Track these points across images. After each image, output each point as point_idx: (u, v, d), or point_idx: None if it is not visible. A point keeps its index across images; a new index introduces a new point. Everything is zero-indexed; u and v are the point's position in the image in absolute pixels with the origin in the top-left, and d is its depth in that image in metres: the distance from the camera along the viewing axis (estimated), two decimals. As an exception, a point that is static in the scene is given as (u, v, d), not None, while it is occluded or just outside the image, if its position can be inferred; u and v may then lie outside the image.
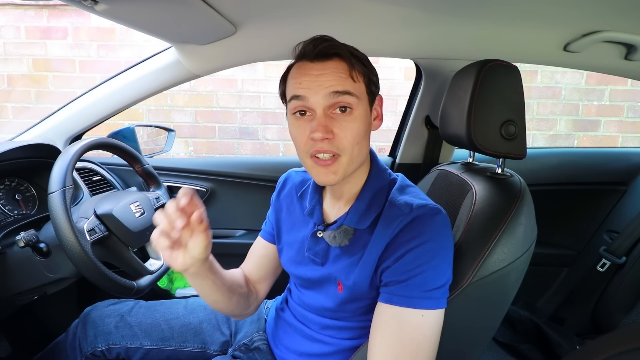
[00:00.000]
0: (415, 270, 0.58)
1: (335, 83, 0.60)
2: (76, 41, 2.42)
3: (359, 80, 0.62)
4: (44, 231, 0.89)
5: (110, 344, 0.88)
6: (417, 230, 0.60)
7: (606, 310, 1.31)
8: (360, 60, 0.64)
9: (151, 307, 0.94)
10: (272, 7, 0.87)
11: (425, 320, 0.58)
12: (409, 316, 0.58)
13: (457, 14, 0.90)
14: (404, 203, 0.63)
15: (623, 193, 1.47)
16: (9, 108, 2.49)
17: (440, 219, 0.62)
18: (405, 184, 0.70)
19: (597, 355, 0.36)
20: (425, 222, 0.60)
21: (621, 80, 2.53)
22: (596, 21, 0.90)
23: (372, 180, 0.68)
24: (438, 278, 0.59)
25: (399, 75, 2.51)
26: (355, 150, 0.62)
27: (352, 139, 0.61)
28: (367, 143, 0.66)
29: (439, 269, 0.59)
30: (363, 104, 0.63)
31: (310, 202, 0.73)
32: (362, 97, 0.63)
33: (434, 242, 0.60)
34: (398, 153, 1.42)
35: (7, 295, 0.89)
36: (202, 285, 0.67)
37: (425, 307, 0.58)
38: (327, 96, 0.60)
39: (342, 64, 0.61)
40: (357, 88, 0.62)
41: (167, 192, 1.14)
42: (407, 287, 0.58)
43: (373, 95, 0.66)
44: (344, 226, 0.67)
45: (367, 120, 0.64)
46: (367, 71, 0.64)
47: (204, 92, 2.51)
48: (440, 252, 0.60)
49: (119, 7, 0.73)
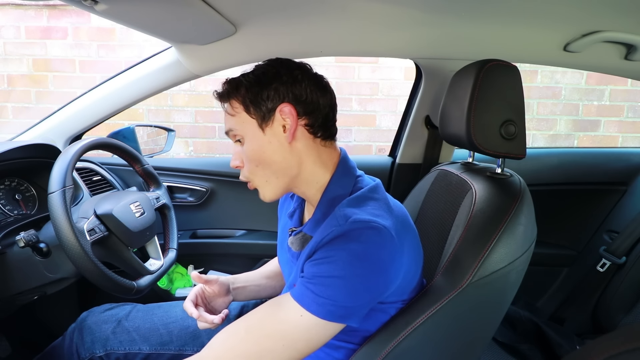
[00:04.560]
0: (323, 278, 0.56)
1: (225, 124, 0.68)
2: (76, 41, 2.42)
3: (236, 112, 0.65)
4: (44, 231, 0.89)
5: (108, 350, 0.87)
6: (343, 243, 0.56)
7: (606, 310, 1.31)
8: (238, 88, 0.65)
9: (149, 311, 0.94)
10: (272, 7, 0.87)
11: (302, 321, 0.56)
12: (290, 307, 0.57)
13: (457, 14, 0.90)
14: (342, 215, 0.59)
15: (623, 193, 1.47)
16: (9, 108, 2.49)
17: (376, 239, 0.56)
18: (367, 196, 0.63)
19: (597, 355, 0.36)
20: (354, 236, 0.56)
21: (621, 80, 2.53)
22: (596, 21, 0.90)
23: (330, 189, 0.66)
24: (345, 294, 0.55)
25: (399, 75, 2.51)
26: (259, 172, 0.66)
27: (251, 164, 0.66)
28: (277, 161, 0.64)
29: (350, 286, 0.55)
30: (250, 128, 0.64)
31: (294, 205, 0.77)
32: (245, 123, 0.65)
33: (356, 259, 0.55)
34: (398, 153, 1.42)
35: (7, 295, 0.89)
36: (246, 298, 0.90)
37: (311, 311, 0.55)
38: (227, 135, 0.69)
39: (227, 104, 0.67)
40: (236, 120, 0.65)
41: (167, 192, 1.14)
42: (307, 285, 0.57)
43: (263, 114, 0.63)
44: (302, 233, 0.68)
45: (263, 141, 0.64)
46: (246, 96, 0.64)
47: (204, 92, 2.51)
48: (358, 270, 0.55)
49: (119, 7, 0.72)
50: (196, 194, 1.44)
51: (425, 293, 0.66)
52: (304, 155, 0.65)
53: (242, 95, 0.64)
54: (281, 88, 0.63)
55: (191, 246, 1.40)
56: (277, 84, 0.63)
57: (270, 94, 0.63)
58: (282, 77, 0.63)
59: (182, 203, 1.44)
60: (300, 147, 0.65)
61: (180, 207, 1.43)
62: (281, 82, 0.63)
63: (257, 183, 0.68)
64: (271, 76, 0.63)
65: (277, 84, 0.63)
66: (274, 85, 0.63)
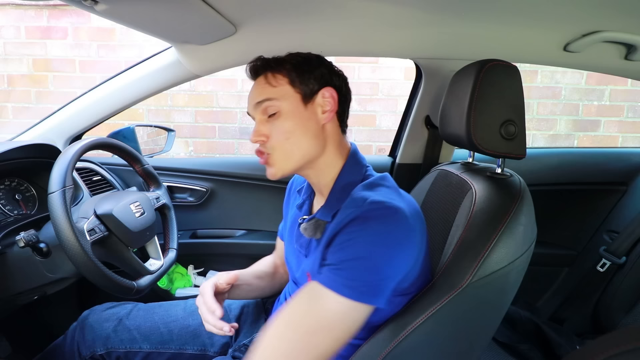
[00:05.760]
0: (348, 263, 0.58)
1: (257, 95, 0.69)
2: (76, 41, 2.42)
3: (280, 84, 0.68)
4: (44, 231, 0.89)
5: (109, 348, 0.87)
6: (360, 226, 0.59)
7: (606, 310, 1.31)
8: (285, 65, 0.68)
9: (149, 310, 0.94)
10: (272, 7, 0.87)
11: (339, 307, 0.57)
12: (324, 295, 0.57)
13: (457, 14, 0.90)
14: (359, 197, 0.63)
15: (623, 193, 1.47)
16: (9, 108, 2.49)
17: (392, 219, 0.59)
18: (379, 183, 0.68)
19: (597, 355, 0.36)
20: (370, 218, 0.59)
21: (621, 80, 2.52)
22: (596, 21, 0.90)
23: (343, 175, 0.70)
24: (371, 272, 0.57)
25: (399, 75, 2.51)
26: (287, 146, 0.67)
27: (281, 136, 0.67)
28: (308, 138, 0.68)
29: (374, 264, 0.57)
30: (291, 103, 0.67)
31: (302, 196, 0.79)
32: (287, 97, 0.67)
33: (375, 240, 0.58)
34: (398, 153, 1.42)
35: (7, 295, 0.89)
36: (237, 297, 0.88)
37: (345, 295, 0.56)
38: (255, 107, 0.69)
39: (263, 76, 0.70)
40: (278, 91, 0.67)
41: (167, 192, 1.14)
42: (335, 271, 0.58)
43: (307, 93, 0.68)
44: (316, 218, 0.69)
45: (302, 116, 0.68)
46: (294, 72, 0.68)
47: (204, 92, 2.51)
48: (379, 252, 0.58)
49: (119, 7, 0.73)
50: (196, 194, 1.44)
51: (425, 293, 0.66)
52: (329, 140, 0.70)
53: (288, 69, 0.68)
54: (326, 73, 0.70)
55: (191, 246, 1.40)
56: (323, 69, 0.69)
57: (317, 75, 0.69)
58: (325, 65, 0.71)
59: (182, 203, 1.44)
60: (329, 132, 0.70)
61: (180, 207, 1.43)
62: (326, 68, 0.70)
63: (276, 157, 0.68)
64: (316, 62, 0.70)
65: (323, 69, 0.69)
66: (320, 69, 0.69)
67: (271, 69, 0.69)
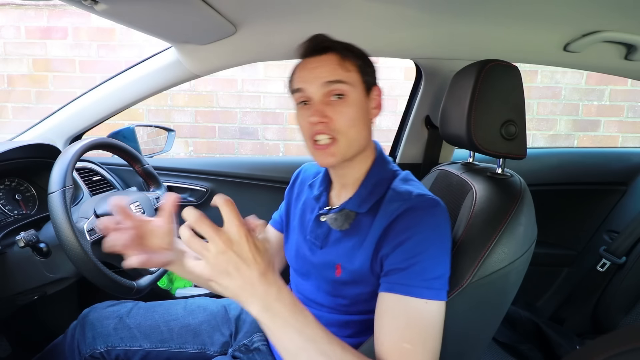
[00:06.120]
0: (415, 259, 0.59)
1: (328, 74, 0.66)
2: (76, 41, 2.42)
3: (352, 70, 0.67)
4: (44, 231, 0.89)
5: (109, 346, 0.87)
6: (414, 218, 0.61)
7: (606, 310, 1.31)
8: (353, 52, 0.69)
9: (150, 308, 0.94)
10: (272, 7, 0.87)
11: (428, 308, 0.58)
12: (412, 303, 0.58)
13: (457, 14, 0.90)
14: (404, 191, 0.66)
15: (623, 193, 1.47)
16: (9, 108, 2.49)
17: (438, 211, 0.63)
18: (409, 178, 0.72)
19: (597, 355, 0.36)
20: (422, 211, 0.62)
21: (621, 80, 2.53)
22: (596, 21, 0.90)
23: (376, 169, 0.72)
24: (436, 267, 0.60)
25: (399, 75, 2.51)
26: (351, 133, 0.67)
27: (348, 121, 0.66)
28: (366, 129, 0.70)
29: (436, 258, 0.60)
30: (357, 91, 0.68)
31: (318, 188, 0.79)
32: (355, 85, 0.67)
33: (431, 231, 0.61)
34: (398, 153, 1.42)
35: (7, 295, 0.89)
36: None
37: (426, 297, 0.58)
38: (322, 86, 0.66)
39: (334, 57, 0.67)
40: (350, 77, 0.67)
41: (167, 192, 1.14)
42: (407, 276, 0.59)
43: (369, 85, 0.70)
44: (346, 210, 0.70)
45: (364, 107, 0.69)
46: (361, 62, 0.69)
47: (204, 92, 2.51)
48: (436, 242, 0.61)
49: (119, 7, 0.73)
50: (196, 194, 1.44)
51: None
52: (370, 135, 0.72)
53: (356, 57, 0.68)
54: (375, 73, 0.73)
55: (191, 246, 1.40)
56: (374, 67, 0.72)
57: (374, 72, 0.72)
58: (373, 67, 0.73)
59: (182, 203, 1.44)
60: (371, 127, 0.72)
61: (180, 207, 1.43)
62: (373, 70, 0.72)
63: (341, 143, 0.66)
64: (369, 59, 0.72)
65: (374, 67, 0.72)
66: (373, 66, 0.72)
67: (341, 52, 0.67)
